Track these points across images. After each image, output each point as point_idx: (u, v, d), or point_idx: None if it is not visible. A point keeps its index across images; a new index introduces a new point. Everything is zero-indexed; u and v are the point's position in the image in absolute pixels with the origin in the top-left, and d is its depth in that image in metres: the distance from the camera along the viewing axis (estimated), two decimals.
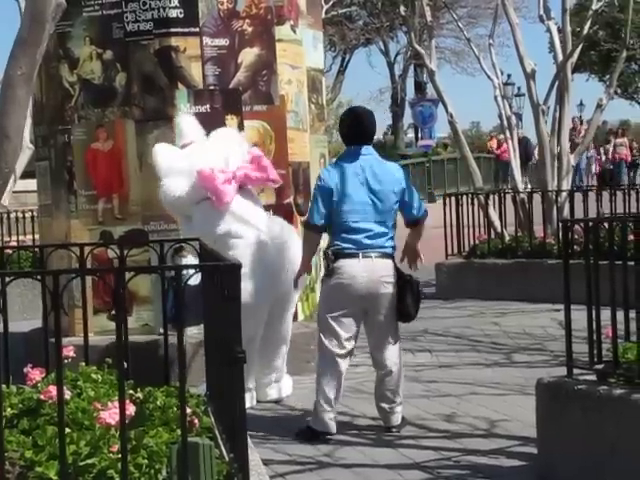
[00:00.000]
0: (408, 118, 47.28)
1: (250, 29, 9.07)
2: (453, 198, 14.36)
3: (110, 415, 3.93)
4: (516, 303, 12.56)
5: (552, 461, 5.82)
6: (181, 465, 3.75)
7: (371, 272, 6.78)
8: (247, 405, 7.73)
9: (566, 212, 13.46)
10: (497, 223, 14.19)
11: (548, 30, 14.83)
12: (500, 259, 13.54)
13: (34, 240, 10.88)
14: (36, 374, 4.72)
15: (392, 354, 6.99)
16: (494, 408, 7.46)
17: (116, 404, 4.05)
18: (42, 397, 4.42)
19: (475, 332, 10.96)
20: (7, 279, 4.55)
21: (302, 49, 9.52)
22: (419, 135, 39.00)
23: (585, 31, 14.60)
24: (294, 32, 9.40)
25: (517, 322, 11.43)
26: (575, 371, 5.78)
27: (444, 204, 14.29)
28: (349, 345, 6.91)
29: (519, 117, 34.88)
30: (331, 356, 6.86)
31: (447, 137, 44.55)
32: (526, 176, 26.12)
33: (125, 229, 8.88)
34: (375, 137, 7.21)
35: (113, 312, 5.35)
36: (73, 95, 9.16)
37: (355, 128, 6.98)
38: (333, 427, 6.87)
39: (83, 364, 5.09)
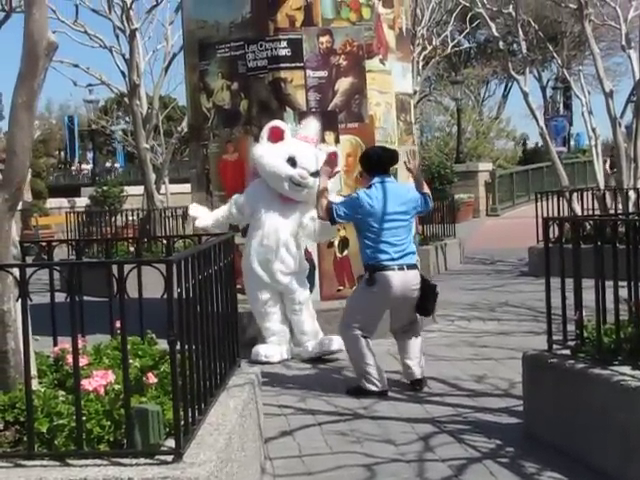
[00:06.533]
0: None
1: (345, 63, 8.64)
2: (544, 195, 13.48)
3: (89, 383, 3.60)
4: (591, 280, 11.62)
5: (533, 419, 5.21)
6: (131, 427, 3.40)
7: (404, 281, 6.32)
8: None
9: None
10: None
11: (628, 57, 13.76)
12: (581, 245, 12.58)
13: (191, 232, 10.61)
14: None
15: (415, 331, 6.61)
16: (520, 371, 6.79)
17: (98, 373, 3.73)
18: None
19: (544, 305, 10.14)
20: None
21: (390, 78, 8.97)
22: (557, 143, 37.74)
23: None
24: (383, 64, 8.88)
25: (584, 297, 10.53)
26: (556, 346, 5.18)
27: (535, 200, 13.43)
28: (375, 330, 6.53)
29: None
30: (365, 341, 6.39)
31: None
32: None
33: None
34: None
35: None
36: (209, 118, 8.95)
37: (380, 162, 6.50)
38: (385, 385, 6.43)
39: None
